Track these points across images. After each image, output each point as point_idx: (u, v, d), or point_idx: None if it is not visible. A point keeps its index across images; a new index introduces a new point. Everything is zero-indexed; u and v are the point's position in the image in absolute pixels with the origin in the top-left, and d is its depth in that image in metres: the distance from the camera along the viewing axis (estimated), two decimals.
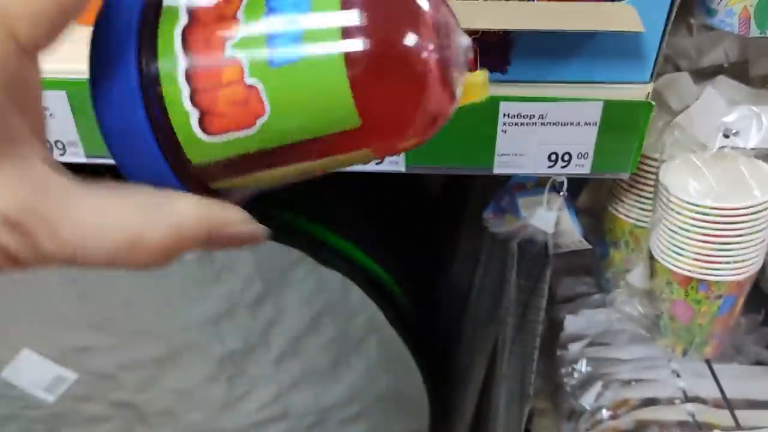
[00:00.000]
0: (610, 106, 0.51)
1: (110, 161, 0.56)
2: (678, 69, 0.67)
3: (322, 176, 0.29)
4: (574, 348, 0.85)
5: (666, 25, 0.48)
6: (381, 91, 0.22)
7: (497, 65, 0.51)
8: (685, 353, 0.63)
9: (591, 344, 0.85)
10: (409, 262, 1.00)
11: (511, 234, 0.67)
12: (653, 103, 0.51)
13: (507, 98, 0.51)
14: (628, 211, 0.64)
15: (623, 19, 0.46)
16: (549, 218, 0.63)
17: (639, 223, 0.64)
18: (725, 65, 0.70)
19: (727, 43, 0.68)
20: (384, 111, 0.22)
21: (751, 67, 0.66)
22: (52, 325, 0.81)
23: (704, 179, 0.55)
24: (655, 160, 0.58)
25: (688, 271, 0.57)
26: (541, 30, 0.45)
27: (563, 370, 0.86)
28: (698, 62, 0.69)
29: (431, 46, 0.22)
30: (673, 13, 0.48)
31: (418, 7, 0.22)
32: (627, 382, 0.83)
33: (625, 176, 0.55)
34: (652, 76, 0.51)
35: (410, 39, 0.22)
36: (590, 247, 0.65)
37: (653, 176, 0.59)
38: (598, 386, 0.81)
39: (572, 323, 0.85)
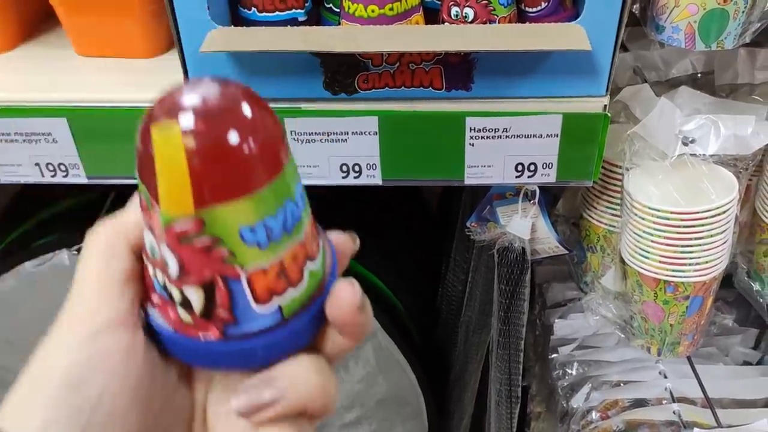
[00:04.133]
0: (569, 119, 0.55)
1: (108, 181, 0.61)
2: (646, 81, 0.70)
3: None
4: (564, 351, 0.87)
5: (617, 42, 0.52)
6: None
7: (462, 83, 0.54)
8: (659, 353, 0.66)
9: (580, 347, 0.87)
10: (409, 273, 1.03)
11: (492, 241, 0.70)
12: (609, 114, 0.54)
13: (472, 113, 0.55)
14: (600, 217, 0.67)
15: (572, 38, 0.49)
16: (524, 225, 0.66)
17: (611, 228, 0.67)
18: (698, 75, 0.74)
19: (693, 55, 0.71)
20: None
21: (717, 78, 0.69)
22: None
23: (664, 185, 0.58)
24: (620, 167, 0.61)
25: (655, 273, 0.60)
26: (496, 50, 0.49)
27: (555, 374, 0.89)
28: (666, 74, 0.72)
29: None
30: (622, 31, 0.51)
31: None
32: (616, 384, 0.85)
33: (589, 184, 0.58)
34: (607, 89, 0.54)
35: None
36: (567, 252, 0.68)
37: (620, 183, 0.62)
38: (587, 388, 0.84)
39: (561, 327, 0.87)
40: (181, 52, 0.54)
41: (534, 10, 0.59)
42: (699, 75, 0.73)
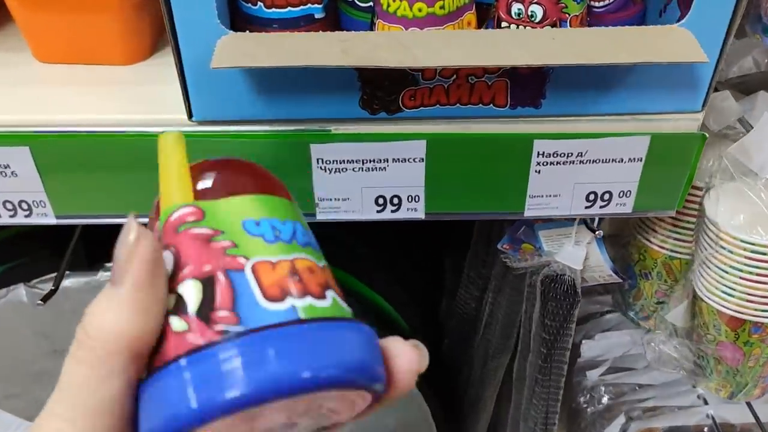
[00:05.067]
0: (658, 140, 0.45)
1: (82, 221, 0.49)
2: None
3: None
4: (592, 375, 0.80)
5: (723, 49, 0.42)
6: None
7: (530, 100, 0.44)
8: (732, 396, 0.58)
9: (610, 369, 0.80)
10: (410, 285, 0.94)
11: (532, 269, 0.61)
12: (707, 134, 0.45)
13: (541, 135, 0.45)
14: (662, 242, 0.58)
15: (680, 47, 0.40)
16: (578, 254, 0.57)
17: (674, 254, 0.58)
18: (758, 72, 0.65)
19: (756, 51, 0.63)
20: None
21: None
22: (26, 382, 0.73)
23: (755, 212, 0.50)
24: (699, 189, 0.52)
25: (740, 312, 0.51)
26: (588, 64, 0.39)
27: (582, 398, 0.81)
28: (726, 73, 0.63)
29: None
30: (731, 37, 0.42)
31: None
32: (651, 410, 0.78)
33: (671, 214, 0.49)
34: (704, 104, 0.45)
35: None
36: (621, 281, 0.59)
37: (694, 206, 0.54)
38: (622, 418, 0.76)
39: (589, 348, 0.79)
40: (179, 62, 0.42)
41: (601, 5, 0.50)
42: (758, 73, 0.64)
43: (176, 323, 0.23)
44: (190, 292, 0.23)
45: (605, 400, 0.79)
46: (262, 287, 0.23)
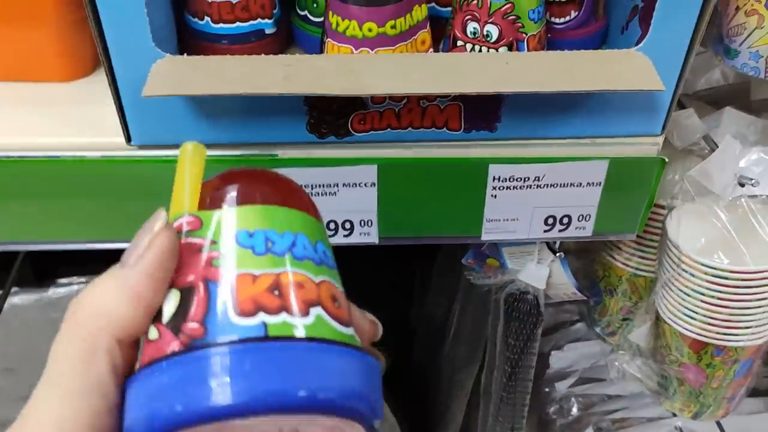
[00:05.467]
0: (616, 164, 0.44)
1: (20, 247, 0.47)
2: None
3: None
4: (561, 387, 0.79)
5: (683, 72, 0.41)
6: None
7: (485, 123, 0.43)
8: (696, 416, 0.57)
9: (579, 381, 0.79)
10: (379, 292, 0.92)
11: (495, 286, 0.60)
12: (666, 159, 0.44)
13: (497, 160, 0.43)
14: (626, 260, 0.57)
15: (637, 73, 0.38)
16: (540, 273, 0.56)
17: (639, 272, 0.57)
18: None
19: (724, 65, 0.61)
20: None
21: (753, 91, 0.60)
22: None
23: (716, 235, 0.48)
24: (662, 207, 0.51)
25: (701, 335, 0.50)
26: (542, 92, 0.37)
27: (551, 409, 0.80)
28: (693, 85, 0.62)
29: None
30: (691, 60, 0.40)
31: None
32: (619, 421, 0.77)
33: (632, 237, 0.48)
34: (664, 128, 0.44)
35: None
36: (585, 299, 0.58)
37: (657, 224, 0.53)
38: (590, 430, 0.75)
39: (558, 359, 0.78)
40: (114, 85, 0.40)
41: (561, 21, 0.48)
42: (726, 86, 0.63)
43: (151, 331, 0.24)
44: (169, 301, 0.24)
45: (574, 411, 0.78)
46: (236, 301, 0.23)
